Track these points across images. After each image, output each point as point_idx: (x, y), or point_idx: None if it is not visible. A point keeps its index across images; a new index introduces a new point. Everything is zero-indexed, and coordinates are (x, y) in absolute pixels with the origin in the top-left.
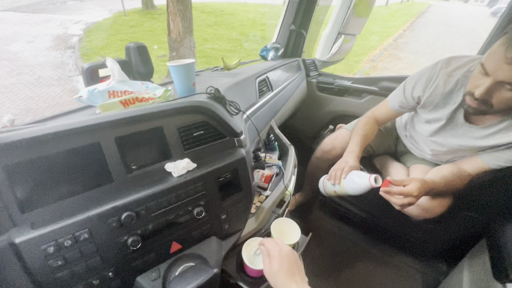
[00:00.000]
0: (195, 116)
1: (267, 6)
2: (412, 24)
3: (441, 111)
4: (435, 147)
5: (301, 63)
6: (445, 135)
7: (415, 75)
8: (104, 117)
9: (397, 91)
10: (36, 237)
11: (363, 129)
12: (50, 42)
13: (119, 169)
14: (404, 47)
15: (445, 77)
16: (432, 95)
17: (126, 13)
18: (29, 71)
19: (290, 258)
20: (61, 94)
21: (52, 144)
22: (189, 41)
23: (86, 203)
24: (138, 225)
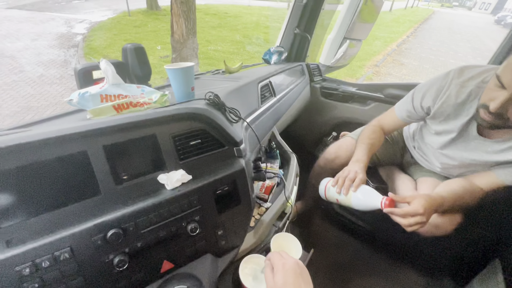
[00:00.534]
0: (192, 124)
1: (270, 9)
2: (416, 30)
3: (452, 123)
4: (445, 160)
5: (305, 68)
6: (457, 148)
7: (425, 84)
8: (93, 124)
9: (405, 100)
10: (11, 257)
11: (370, 138)
12: (54, 41)
13: (107, 180)
14: (407, 53)
15: (458, 88)
16: (443, 105)
17: (131, 13)
18: (32, 69)
19: (295, 270)
20: (63, 92)
21: (34, 152)
22: (192, 43)
23: (69, 218)
24: (126, 243)
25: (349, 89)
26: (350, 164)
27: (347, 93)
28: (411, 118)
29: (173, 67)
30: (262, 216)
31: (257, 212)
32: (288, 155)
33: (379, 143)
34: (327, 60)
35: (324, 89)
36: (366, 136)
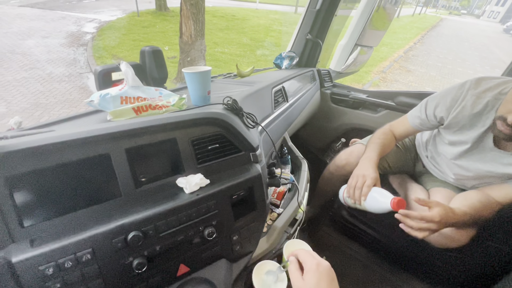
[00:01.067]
0: (210, 128)
1: (278, 13)
2: (423, 37)
3: (467, 134)
4: (459, 171)
5: (316, 73)
6: (472, 159)
7: (439, 94)
8: (116, 127)
9: (418, 108)
10: (35, 257)
11: (380, 138)
12: (64, 39)
13: (128, 183)
14: (414, 60)
15: (474, 98)
16: (458, 116)
17: (140, 14)
18: (42, 66)
19: (329, 275)
20: (71, 90)
21: (59, 153)
22: (200, 44)
23: (91, 219)
24: (145, 246)
25: (360, 96)
26: (360, 163)
27: (358, 99)
28: (423, 126)
29: (191, 70)
30: (274, 221)
31: (269, 217)
32: (299, 161)
33: (389, 144)
34: (338, 66)
35: (334, 95)
36: (377, 136)
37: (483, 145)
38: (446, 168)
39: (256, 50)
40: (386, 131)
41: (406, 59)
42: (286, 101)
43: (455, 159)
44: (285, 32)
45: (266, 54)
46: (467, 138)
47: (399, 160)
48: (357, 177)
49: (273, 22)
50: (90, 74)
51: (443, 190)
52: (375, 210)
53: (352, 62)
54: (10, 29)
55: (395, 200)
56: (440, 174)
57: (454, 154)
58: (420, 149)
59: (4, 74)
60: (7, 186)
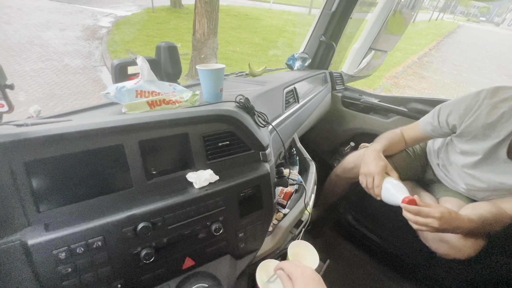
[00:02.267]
0: (222, 125)
1: (291, 14)
2: (439, 44)
3: (479, 144)
4: (471, 181)
5: (328, 76)
6: (484, 170)
7: (453, 101)
8: (131, 119)
9: (430, 115)
10: (49, 241)
11: (388, 134)
12: (80, 32)
13: (139, 175)
14: (428, 66)
15: (489, 108)
16: (471, 125)
17: (155, 10)
18: (58, 58)
19: (314, 279)
20: (85, 82)
21: (76, 142)
22: (213, 42)
23: (103, 208)
24: (153, 237)
25: (371, 100)
26: (364, 157)
27: (369, 104)
28: (434, 132)
29: (205, 67)
30: (280, 221)
31: (275, 217)
32: (307, 162)
33: (397, 143)
34: (350, 69)
35: (345, 98)
36: (386, 134)
37: (496, 156)
38: (458, 178)
39: (268, 50)
40: (396, 131)
41: (420, 65)
42: (297, 102)
43: (467, 169)
44: (298, 33)
45: (278, 54)
46: (479, 149)
47: (408, 166)
48: (365, 177)
49: (286, 23)
50: (103, 68)
51: (453, 200)
52: (388, 201)
53: (365, 66)
54: (29, 20)
55: (406, 199)
56: (451, 183)
57: (466, 163)
58: (431, 156)
59: (22, 64)
60: (26, 171)
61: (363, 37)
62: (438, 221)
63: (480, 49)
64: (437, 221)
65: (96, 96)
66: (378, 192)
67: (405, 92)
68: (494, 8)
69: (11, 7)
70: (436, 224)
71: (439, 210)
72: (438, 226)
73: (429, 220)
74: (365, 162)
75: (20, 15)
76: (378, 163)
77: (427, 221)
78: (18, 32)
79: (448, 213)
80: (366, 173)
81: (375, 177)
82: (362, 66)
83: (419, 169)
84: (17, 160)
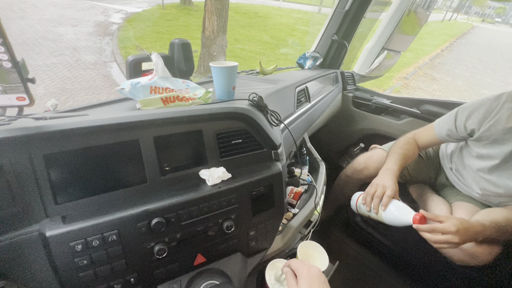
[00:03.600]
0: (235, 123)
1: (301, 12)
2: (452, 45)
3: (498, 148)
4: (487, 186)
5: (339, 76)
6: (501, 175)
7: (471, 104)
8: (147, 115)
9: (447, 118)
10: (67, 233)
11: (403, 148)
12: (91, 28)
13: (154, 170)
14: (440, 68)
15: (510, 112)
16: (490, 129)
17: (165, 7)
18: (70, 53)
19: (320, 278)
20: (95, 77)
21: (93, 136)
22: (222, 40)
23: (118, 202)
24: (167, 233)
25: (383, 101)
26: (380, 174)
27: (380, 104)
28: (450, 137)
29: (218, 65)
30: (290, 221)
31: (285, 217)
32: (317, 163)
33: (412, 155)
34: (362, 70)
35: (356, 98)
36: (399, 146)
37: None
38: (472, 182)
39: (277, 48)
40: (410, 140)
41: (431, 67)
42: (308, 101)
43: (483, 173)
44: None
45: (287, 53)
46: (498, 153)
47: (421, 169)
48: (377, 186)
49: (296, 22)
50: (114, 63)
51: (467, 205)
52: (392, 222)
53: (377, 66)
54: (43, 16)
55: (417, 217)
56: (465, 188)
57: (482, 167)
58: (444, 160)
59: (36, 58)
60: (45, 163)
61: (376, 36)
62: (457, 236)
63: (495, 51)
64: (456, 236)
65: (106, 91)
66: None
67: (415, 93)
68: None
69: (26, 2)
70: (456, 239)
71: (453, 223)
72: (459, 241)
73: (448, 237)
74: (380, 177)
75: (34, 11)
76: (393, 183)
77: (447, 238)
78: (32, 27)
79: (460, 223)
80: (379, 184)
81: (388, 191)
82: (374, 66)
83: (431, 173)
84: (37, 152)
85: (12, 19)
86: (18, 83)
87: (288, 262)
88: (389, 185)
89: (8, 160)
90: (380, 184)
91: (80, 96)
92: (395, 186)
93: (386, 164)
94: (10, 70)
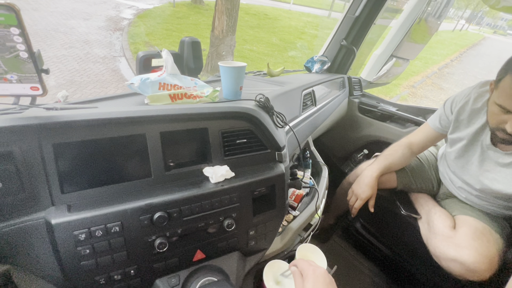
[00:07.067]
0: (241, 123)
1: (310, 16)
2: (461, 55)
3: (465, 130)
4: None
5: (346, 81)
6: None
7: (456, 93)
8: (155, 110)
9: (438, 110)
10: (71, 221)
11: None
12: (102, 22)
13: (158, 165)
14: (449, 78)
15: (477, 94)
16: (459, 111)
17: (175, 5)
18: (80, 46)
19: (325, 279)
20: (104, 71)
21: (102, 129)
22: (230, 40)
23: (122, 195)
24: (168, 227)
25: (389, 108)
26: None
27: (386, 112)
28: (442, 125)
29: (227, 65)
30: (290, 223)
31: (285, 218)
32: (320, 167)
33: (400, 159)
34: (369, 76)
35: (362, 104)
36: (389, 150)
37: (479, 141)
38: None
39: (285, 50)
40: (402, 144)
41: (440, 76)
42: (314, 105)
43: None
44: (316, 36)
45: (294, 56)
46: (465, 135)
47: (423, 178)
48: (352, 194)
49: (305, 25)
50: (122, 58)
51: (469, 220)
52: None
53: (385, 73)
54: (56, 8)
55: None
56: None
57: (455, 153)
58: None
59: (47, 50)
60: (54, 152)
61: (386, 43)
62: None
63: None
64: None
65: (114, 86)
66: (354, 213)
67: (422, 102)
68: None
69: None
70: None
71: None
72: None
73: None
74: (358, 182)
75: (47, 3)
76: (367, 190)
77: None
78: (44, 19)
79: None
80: (355, 192)
81: (358, 201)
82: (381, 73)
83: (435, 181)
84: (47, 141)
85: (26, 10)
86: (33, 73)
87: (295, 262)
88: (361, 196)
89: (19, 148)
90: (355, 194)
91: (88, 89)
92: (368, 192)
93: (370, 166)
94: (26, 60)
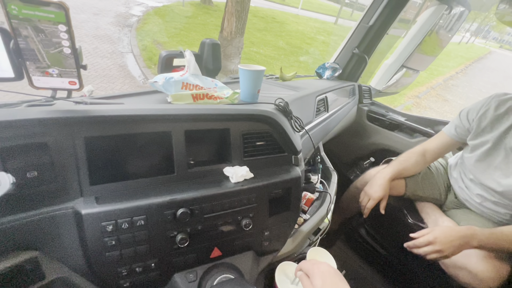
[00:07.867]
0: (261, 125)
1: (318, 21)
2: (467, 68)
3: (489, 134)
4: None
5: (356, 88)
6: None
7: (470, 105)
8: (181, 109)
9: (453, 120)
10: (100, 213)
11: (405, 159)
12: (112, 18)
13: (182, 162)
14: (453, 90)
15: (497, 103)
16: (481, 118)
17: (184, 4)
18: (89, 40)
19: (330, 272)
20: (111, 66)
21: (131, 125)
22: (238, 42)
23: (146, 189)
24: (190, 224)
25: (398, 118)
26: (372, 179)
27: (395, 121)
28: (458, 133)
29: (246, 68)
30: (301, 226)
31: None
32: (329, 172)
33: (413, 165)
34: (379, 85)
35: (371, 112)
36: (403, 158)
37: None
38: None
39: (291, 54)
40: (416, 152)
41: (444, 88)
42: (326, 111)
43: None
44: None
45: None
46: (489, 138)
47: (431, 186)
48: (364, 195)
49: (312, 30)
50: (130, 55)
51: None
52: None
53: (394, 83)
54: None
55: None
56: (472, 203)
57: (477, 157)
58: (451, 176)
59: None
60: (85, 145)
61: (397, 53)
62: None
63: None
64: (436, 244)
65: (121, 81)
66: (366, 213)
67: (426, 113)
68: None
69: None
70: (437, 246)
71: (432, 233)
72: (442, 248)
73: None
74: (371, 183)
75: None
76: (379, 190)
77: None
78: None
79: (440, 231)
80: (367, 193)
81: (370, 201)
82: (391, 82)
83: (442, 189)
84: (79, 134)
85: None
86: (73, 68)
87: (299, 266)
88: (372, 193)
89: (54, 139)
90: (368, 194)
91: (95, 83)
92: (380, 193)
93: (384, 169)
94: (68, 56)
